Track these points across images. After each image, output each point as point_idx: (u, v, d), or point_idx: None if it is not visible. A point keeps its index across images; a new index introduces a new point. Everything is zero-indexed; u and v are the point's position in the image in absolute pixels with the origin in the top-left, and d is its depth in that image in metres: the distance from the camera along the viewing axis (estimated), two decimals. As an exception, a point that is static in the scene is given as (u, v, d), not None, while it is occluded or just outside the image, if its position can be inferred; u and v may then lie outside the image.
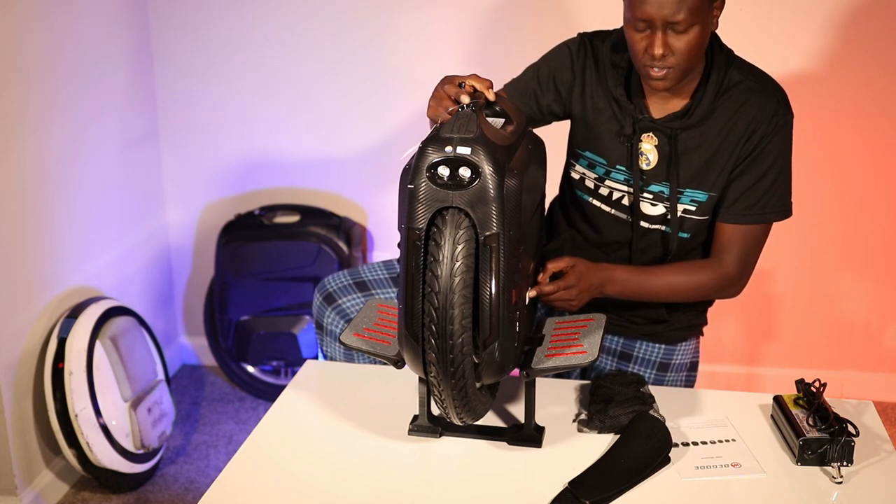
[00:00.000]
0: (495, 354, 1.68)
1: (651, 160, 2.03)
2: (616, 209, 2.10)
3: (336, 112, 3.42)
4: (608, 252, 2.14)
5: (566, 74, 2.10)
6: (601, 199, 2.11)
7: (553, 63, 2.12)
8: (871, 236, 3.34)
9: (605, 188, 2.09)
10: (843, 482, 1.73)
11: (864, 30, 3.13)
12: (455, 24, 3.27)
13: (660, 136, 2.02)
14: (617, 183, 2.07)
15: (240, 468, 1.79)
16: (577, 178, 2.13)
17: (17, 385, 2.75)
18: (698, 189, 2.03)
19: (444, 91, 1.82)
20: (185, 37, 3.40)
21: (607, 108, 2.05)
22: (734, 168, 2.01)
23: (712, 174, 2.02)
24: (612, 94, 2.04)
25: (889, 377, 3.48)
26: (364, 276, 2.22)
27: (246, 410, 3.46)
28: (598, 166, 2.09)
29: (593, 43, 2.09)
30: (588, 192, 2.12)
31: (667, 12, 1.84)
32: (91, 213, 3.11)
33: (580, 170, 2.12)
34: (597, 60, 2.07)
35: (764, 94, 1.99)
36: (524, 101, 2.13)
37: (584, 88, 2.07)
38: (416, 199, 1.62)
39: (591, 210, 2.13)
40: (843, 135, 3.26)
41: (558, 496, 1.68)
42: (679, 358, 2.22)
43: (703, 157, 2.01)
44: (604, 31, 2.11)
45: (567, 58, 2.10)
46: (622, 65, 2.04)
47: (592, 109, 2.07)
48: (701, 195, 2.04)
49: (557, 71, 2.11)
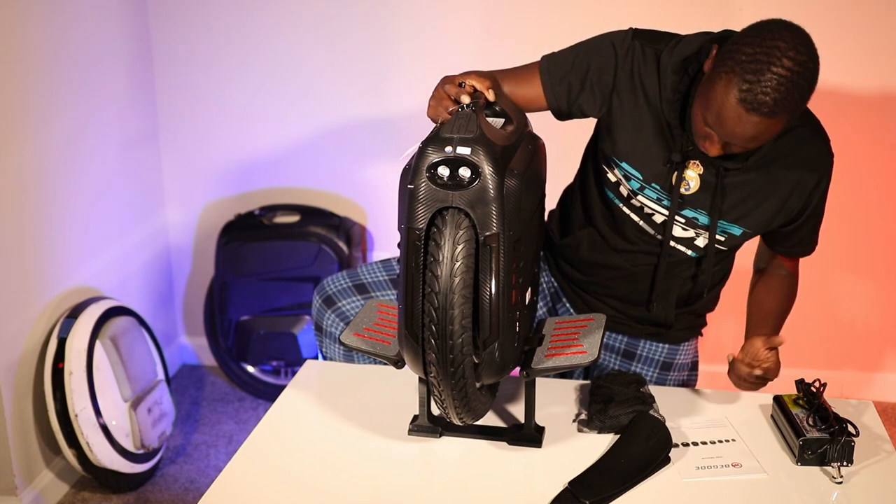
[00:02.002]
0: (495, 354, 1.68)
1: (691, 186, 1.94)
2: (646, 222, 2.02)
3: (336, 112, 3.42)
4: (633, 262, 2.08)
5: (607, 76, 1.94)
6: (633, 209, 2.02)
7: (596, 61, 1.95)
8: (870, 236, 3.34)
9: (637, 201, 2.00)
10: (843, 482, 1.73)
11: (864, 30, 3.12)
12: (455, 25, 3.27)
13: (707, 166, 1.92)
14: (650, 200, 1.98)
15: (240, 468, 1.79)
16: (614, 180, 2.01)
17: (17, 385, 2.75)
18: (734, 223, 1.98)
19: (444, 91, 1.79)
20: (185, 37, 3.40)
21: (653, 125, 1.93)
22: (798, 217, 1.99)
23: (756, 214, 1.97)
24: (665, 117, 1.91)
25: (889, 377, 3.48)
26: (363, 278, 2.21)
27: (246, 410, 3.46)
28: (632, 179, 1.98)
29: (645, 50, 1.92)
30: (620, 199, 2.03)
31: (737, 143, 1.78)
32: (91, 213, 3.11)
33: (618, 174, 2.00)
34: (653, 75, 1.91)
35: (816, 138, 1.95)
36: (557, 89, 1.98)
37: (631, 97, 1.93)
38: (416, 199, 1.62)
39: (621, 216, 2.04)
40: (843, 135, 3.24)
41: (558, 496, 1.68)
42: (682, 357, 2.23)
43: (744, 194, 1.95)
44: (661, 34, 1.96)
45: (611, 58, 1.93)
46: (681, 89, 1.88)
47: (636, 122, 1.93)
48: (736, 229, 1.99)
49: (599, 72, 1.94)
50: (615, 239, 2.08)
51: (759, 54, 1.68)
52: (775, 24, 1.73)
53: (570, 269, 2.20)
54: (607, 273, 2.13)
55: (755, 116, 1.70)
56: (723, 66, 1.72)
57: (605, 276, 2.14)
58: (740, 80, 1.68)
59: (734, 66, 1.69)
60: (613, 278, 2.14)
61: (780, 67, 1.67)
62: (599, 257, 2.12)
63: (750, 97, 1.68)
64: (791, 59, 1.68)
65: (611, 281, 2.14)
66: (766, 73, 1.67)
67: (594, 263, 2.14)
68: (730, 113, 1.71)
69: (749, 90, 1.68)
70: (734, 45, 1.72)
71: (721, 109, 1.72)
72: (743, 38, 1.73)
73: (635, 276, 2.11)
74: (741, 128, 1.72)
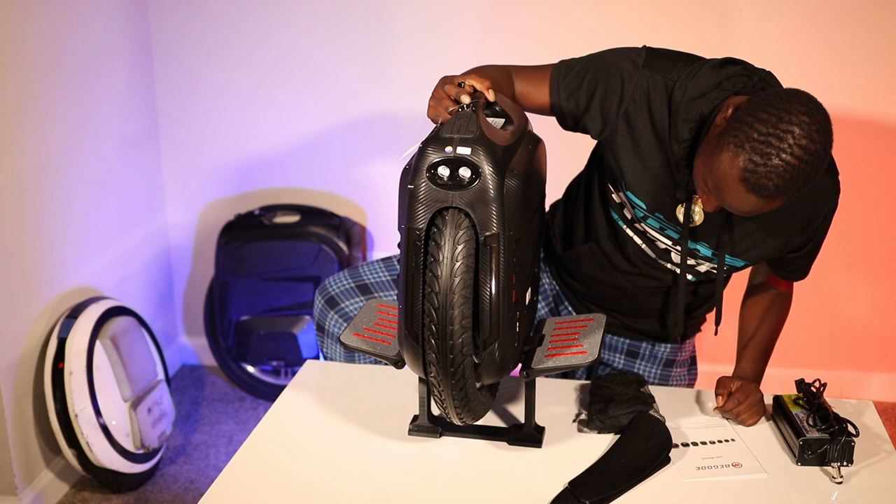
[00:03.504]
0: (495, 354, 1.68)
1: (695, 220, 1.92)
2: (648, 245, 2.02)
3: (336, 112, 3.42)
4: (627, 273, 2.09)
5: (613, 103, 1.89)
6: (636, 232, 2.01)
7: (603, 84, 1.90)
8: (870, 236, 3.34)
9: (640, 225, 1.99)
10: (843, 482, 1.73)
11: (863, 31, 3.12)
12: (455, 25, 3.27)
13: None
14: (652, 229, 1.97)
15: (240, 468, 1.79)
16: (619, 202, 1.99)
17: (17, 385, 2.75)
18: (738, 257, 1.97)
19: (443, 91, 1.78)
20: (184, 36, 3.40)
21: (660, 158, 1.88)
22: (799, 248, 1.97)
23: (760, 249, 1.95)
24: (673, 155, 1.86)
25: (889, 377, 3.48)
26: (366, 278, 2.21)
27: (246, 410, 3.46)
28: (637, 208, 1.95)
29: (656, 80, 1.86)
30: (624, 220, 2.01)
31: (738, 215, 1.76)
32: (91, 213, 3.11)
33: (623, 197, 1.97)
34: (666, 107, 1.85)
35: (829, 179, 1.90)
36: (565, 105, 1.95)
37: (635, 127, 1.88)
38: (416, 199, 1.62)
39: (623, 237, 2.04)
40: (841, 135, 3.24)
41: (558, 496, 1.68)
42: (683, 354, 2.26)
43: (750, 229, 1.92)
44: (675, 58, 1.89)
45: (619, 85, 1.88)
46: (691, 134, 1.82)
47: (641, 154, 1.90)
48: (738, 262, 1.98)
49: (605, 96, 1.90)
50: (617, 258, 2.08)
51: (771, 137, 1.61)
52: (798, 100, 1.64)
53: (571, 280, 2.22)
54: (608, 291, 2.15)
55: (754, 197, 1.65)
56: (733, 137, 1.64)
57: (606, 293, 2.16)
58: (747, 159, 1.62)
59: (744, 141, 1.63)
60: (614, 296, 2.16)
61: (790, 156, 1.61)
62: (601, 274, 2.12)
63: (753, 179, 1.63)
64: (802, 149, 1.61)
65: (612, 298, 2.16)
66: (775, 158, 1.61)
67: (595, 280, 2.15)
68: (730, 186, 1.66)
69: (753, 171, 1.62)
70: (750, 115, 1.64)
71: (722, 180, 1.66)
72: (760, 108, 1.64)
73: (636, 297, 2.13)
74: (738, 202, 1.68)
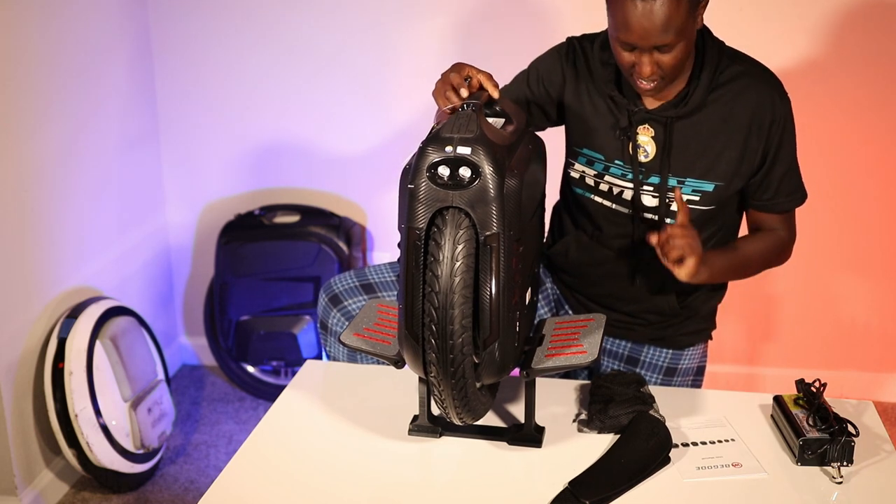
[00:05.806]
0: (495, 354, 1.68)
1: (649, 152, 2.02)
2: (617, 203, 2.09)
3: (336, 112, 3.42)
4: (612, 246, 2.13)
5: (556, 77, 2.10)
6: (602, 194, 2.10)
7: (542, 67, 2.12)
8: (870, 236, 3.34)
9: (604, 184, 2.08)
10: (843, 482, 1.73)
11: (862, 30, 3.12)
12: (456, 25, 3.27)
13: (656, 126, 2.01)
14: (616, 178, 2.07)
15: (240, 468, 1.79)
16: (577, 176, 2.13)
17: (17, 385, 2.75)
18: (703, 179, 2.02)
19: (449, 78, 1.84)
20: (185, 37, 3.40)
21: (602, 104, 2.05)
22: (763, 161, 2.01)
23: (720, 165, 2.00)
24: (605, 91, 2.03)
25: (889, 377, 3.48)
26: (371, 278, 2.21)
27: (246, 410, 3.46)
28: (596, 162, 2.08)
29: (582, 44, 2.09)
30: (588, 189, 2.12)
31: (652, 41, 1.84)
32: (91, 213, 3.11)
33: (579, 168, 2.12)
34: (587, 60, 2.07)
35: (762, 81, 2.00)
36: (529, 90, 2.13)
37: (577, 87, 2.08)
38: (416, 198, 1.62)
39: (593, 207, 2.12)
40: (842, 135, 3.26)
41: (558, 496, 1.68)
42: (686, 363, 2.23)
43: (703, 145, 2.00)
44: (591, 33, 2.11)
45: (556, 61, 2.10)
46: (612, 62, 2.02)
47: (587, 107, 2.07)
48: (707, 185, 2.02)
49: (547, 74, 2.11)
50: (596, 233, 2.14)
51: None
52: None
53: (564, 275, 2.25)
54: (596, 270, 2.17)
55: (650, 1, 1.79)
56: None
57: (596, 275, 2.18)
58: None
59: None
60: (603, 276, 2.17)
61: None
62: (585, 256, 2.17)
63: None
64: None
65: (602, 279, 2.17)
66: None
67: (582, 263, 2.18)
68: (630, 12, 1.81)
69: None
70: None
71: (624, 16, 1.82)
72: None
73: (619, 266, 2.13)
74: (648, 20, 1.80)
